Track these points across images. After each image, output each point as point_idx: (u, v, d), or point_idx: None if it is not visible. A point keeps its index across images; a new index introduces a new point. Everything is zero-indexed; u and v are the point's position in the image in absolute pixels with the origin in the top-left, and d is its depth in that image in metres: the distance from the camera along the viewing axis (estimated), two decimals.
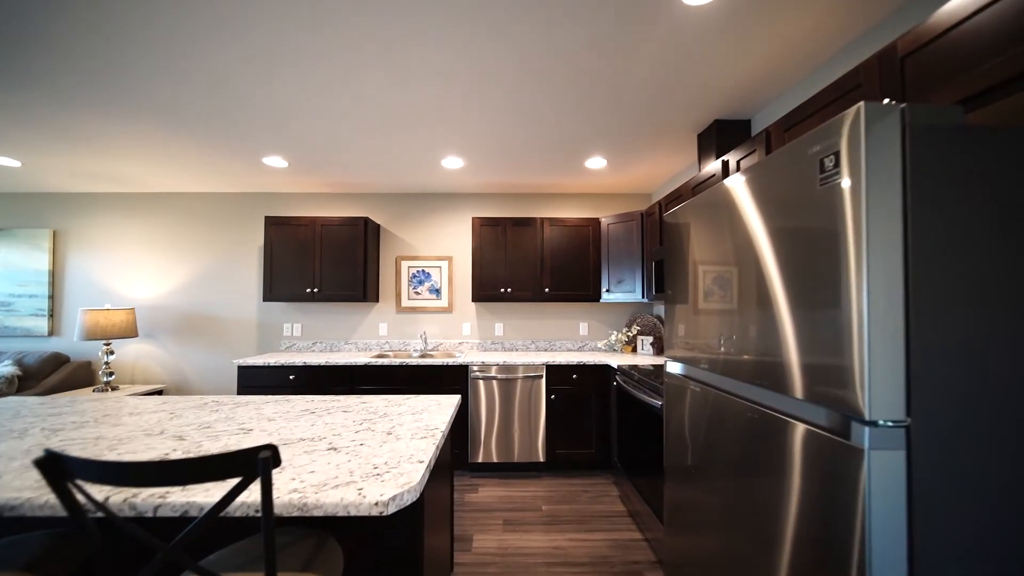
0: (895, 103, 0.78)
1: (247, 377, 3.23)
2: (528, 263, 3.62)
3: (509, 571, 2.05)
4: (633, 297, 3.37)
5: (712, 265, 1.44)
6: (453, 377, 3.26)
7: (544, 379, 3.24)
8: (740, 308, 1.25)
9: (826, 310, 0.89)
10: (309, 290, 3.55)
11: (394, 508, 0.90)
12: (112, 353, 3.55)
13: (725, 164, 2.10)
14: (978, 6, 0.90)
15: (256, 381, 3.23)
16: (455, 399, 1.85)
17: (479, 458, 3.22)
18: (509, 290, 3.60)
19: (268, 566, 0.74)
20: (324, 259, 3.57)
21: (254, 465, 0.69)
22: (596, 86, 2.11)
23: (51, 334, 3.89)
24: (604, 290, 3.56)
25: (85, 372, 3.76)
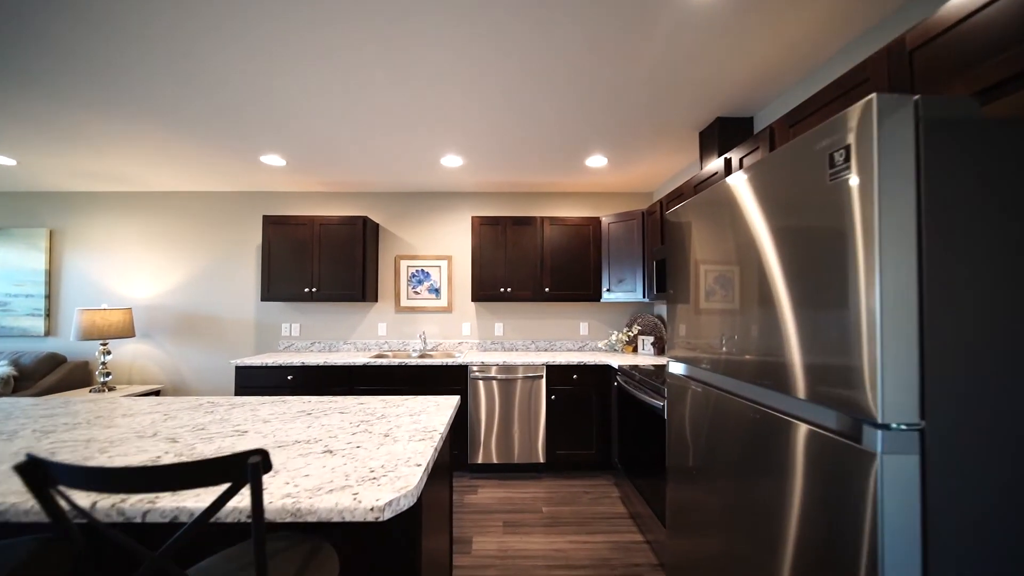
0: (908, 95, 0.75)
1: (245, 377, 3.20)
2: (528, 262, 3.59)
3: (509, 574, 2.02)
4: (634, 297, 3.34)
5: (715, 264, 1.42)
6: (452, 377, 3.23)
7: (544, 379, 3.21)
8: (743, 308, 1.23)
9: (834, 310, 0.86)
10: (307, 290, 3.52)
11: (390, 514, 0.88)
12: (109, 353, 3.52)
13: (727, 162, 2.07)
14: None
15: (254, 381, 3.21)
16: (454, 400, 1.83)
17: (479, 459, 3.19)
18: (509, 290, 3.57)
19: (259, 573, 0.72)
20: (323, 258, 3.54)
21: (243, 470, 0.66)
22: (596, 84, 2.08)
23: (48, 334, 3.86)
24: (605, 290, 3.53)
25: (82, 372, 3.73)
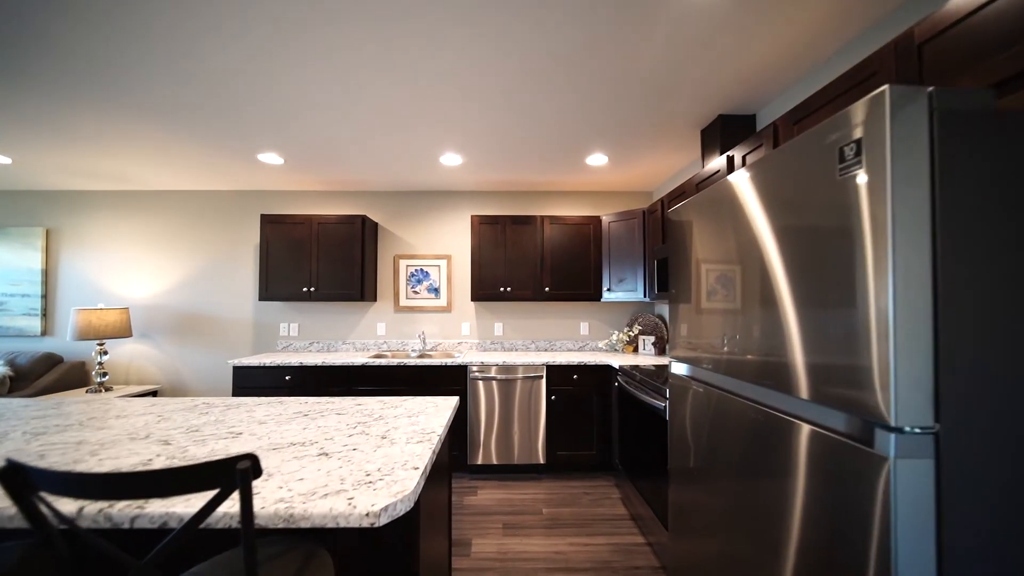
0: (921, 86, 0.73)
1: (242, 378, 3.18)
2: (528, 262, 3.56)
3: None
4: (635, 296, 3.31)
5: (716, 263, 1.39)
6: (452, 377, 3.20)
7: (544, 379, 3.18)
8: (746, 307, 1.20)
9: (841, 309, 0.83)
10: (306, 289, 3.50)
11: (386, 519, 0.85)
12: (106, 353, 3.49)
13: (730, 159, 2.04)
14: None
15: (251, 382, 3.18)
16: (453, 401, 1.80)
17: (478, 460, 3.17)
18: (509, 289, 3.54)
19: None
20: (321, 258, 3.51)
21: (232, 476, 0.64)
22: (596, 82, 2.05)
23: (44, 334, 3.84)
24: (605, 289, 3.50)
25: (79, 373, 3.70)
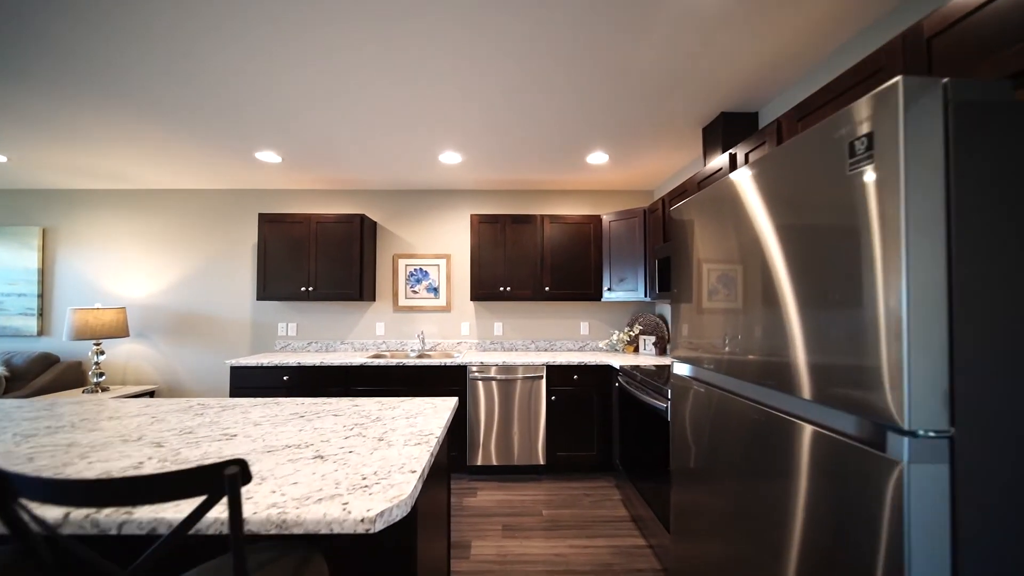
0: (935, 78, 0.70)
1: (240, 378, 3.15)
2: (528, 261, 3.54)
3: None
4: (635, 296, 3.29)
5: (721, 263, 1.36)
6: (451, 378, 3.18)
7: (544, 380, 3.16)
8: (752, 307, 1.17)
9: (851, 309, 0.81)
10: (304, 289, 3.47)
11: (382, 525, 0.82)
12: (102, 353, 3.46)
13: (732, 157, 2.02)
14: None
15: (249, 382, 3.15)
16: (452, 402, 1.77)
17: (478, 460, 3.14)
18: (508, 289, 3.52)
19: None
20: (319, 257, 3.48)
21: (220, 482, 0.61)
22: (596, 80, 2.03)
23: (40, 334, 3.81)
24: (606, 289, 3.48)
25: (75, 373, 3.67)
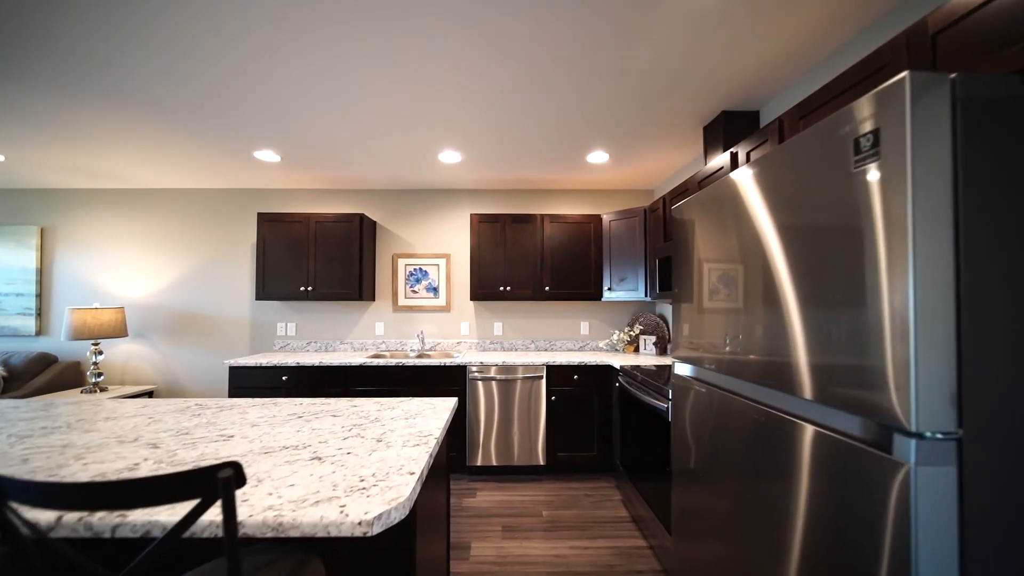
0: (943, 72, 0.69)
1: (238, 378, 3.14)
2: (528, 261, 3.52)
3: None
4: (636, 296, 3.28)
5: (722, 262, 1.35)
6: (451, 378, 3.17)
7: (544, 380, 3.15)
8: (753, 306, 1.16)
9: (856, 308, 0.79)
10: (303, 288, 3.46)
11: (380, 528, 0.81)
12: (101, 353, 3.45)
13: (734, 156, 2.00)
14: None
15: (248, 382, 3.14)
16: (451, 402, 1.76)
17: (478, 461, 3.13)
18: (508, 288, 3.51)
19: None
20: (318, 257, 3.47)
21: (213, 485, 0.60)
22: (596, 78, 2.02)
23: (39, 334, 3.79)
24: (606, 288, 3.47)
25: (73, 373, 3.66)
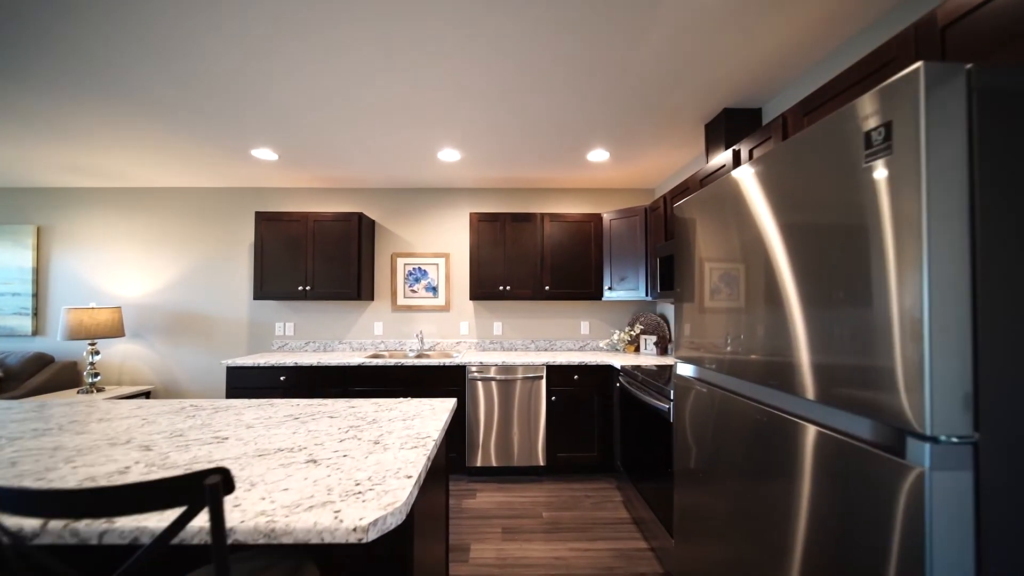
0: (959, 63, 0.66)
1: (236, 378, 3.11)
2: (528, 260, 3.50)
3: None
4: (636, 295, 3.25)
5: (726, 262, 1.33)
6: (450, 378, 3.14)
7: (544, 380, 3.12)
8: (760, 306, 1.14)
9: (868, 308, 0.77)
10: (301, 288, 3.43)
11: (375, 534, 0.79)
12: (97, 353, 3.42)
13: (736, 154, 1.98)
14: None
15: (246, 382, 3.12)
16: (450, 403, 1.74)
17: (477, 462, 3.10)
18: (508, 288, 3.48)
19: None
20: (317, 256, 3.44)
21: (200, 492, 0.57)
22: (596, 76, 1.99)
23: (35, 333, 3.77)
24: (606, 288, 3.44)
25: (70, 373, 3.63)
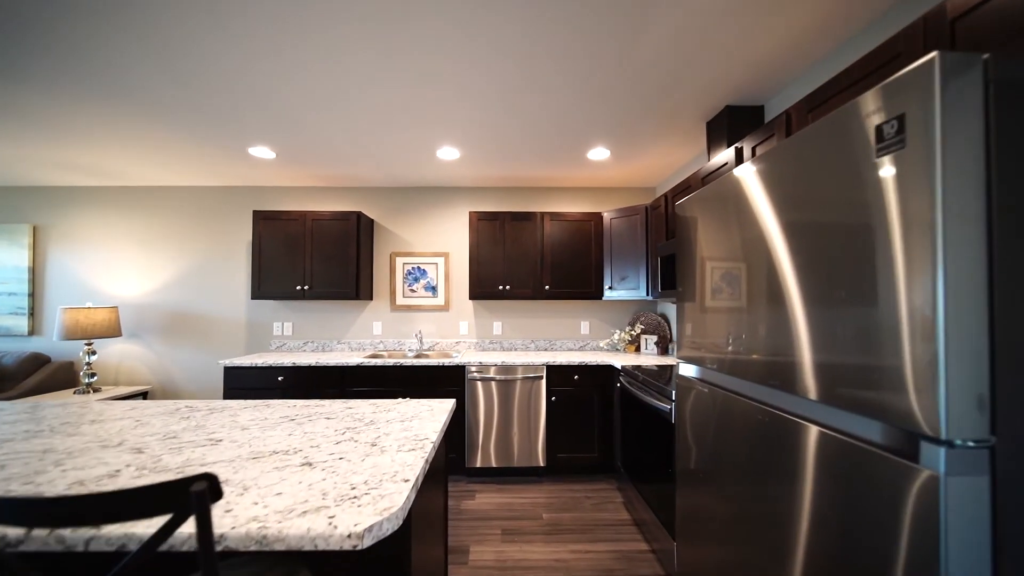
0: (975, 53, 0.64)
1: (234, 378, 3.09)
2: (528, 259, 3.47)
3: None
4: (637, 295, 3.23)
5: (730, 261, 1.30)
6: (449, 378, 3.12)
7: (544, 380, 3.10)
8: (765, 305, 1.12)
9: (880, 307, 0.75)
10: (299, 287, 3.40)
11: (370, 541, 0.76)
12: (94, 353, 3.40)
13: (739, 151, 1.96)
14: None
15: (243, 383, 3.09)
16: (449, 404, 1.71)
17: (477, 462, 3.08)
18: (508, 287, 3.46)
19: None
20: (315, 255, 3.42)
21: (186, 500, 0.55)
22: (596, 73, 1.97)
23: (31, 333, 3.74)
24: (607, 287, 3.42)
25: (66, 373, 3.61)
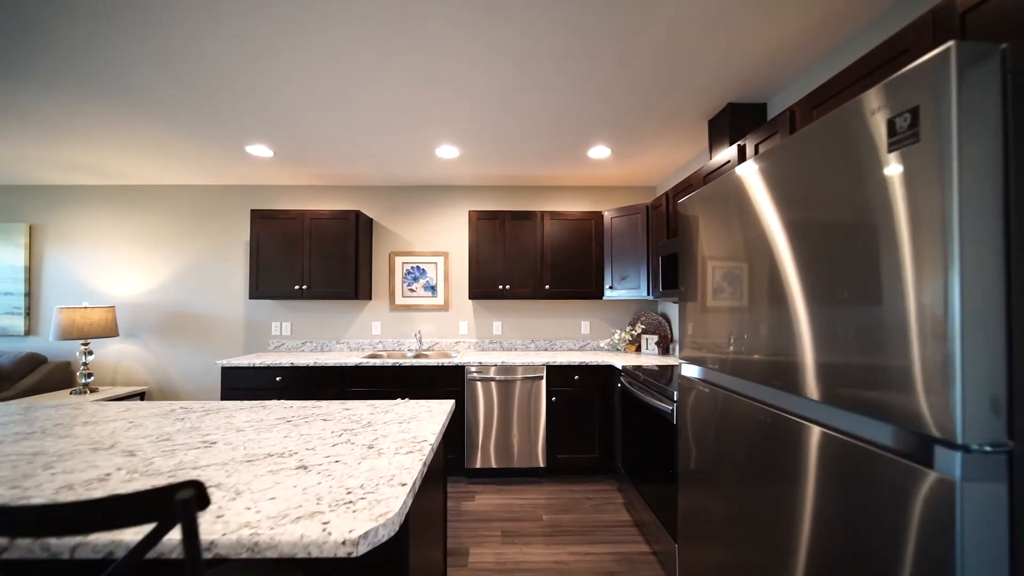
0: (993, 43, 0.62)
1: (231, 379, 3.06)
2: (528, 259, 3.45)
3: None
4: (637, 294, 3.21)
5: (731, 260, 1.28)
6: (449, 378, 3.09)
7: (544, 380, 3.08)
8: (767, 305, 1.09)
9: (891, 307, 0.73)
10: (298, 287, 3.38)
11: (366, 547, 0.74)
12: (91, 353, 3.37)
13: (741, 149, 1.93)
14: None
15: (241, 383, 3.07)
16: (448, 405, 1.69)
17: (476, 463, 3.06)
18: (508, 287, 3.43)
19: None
20: (313, 254, 3.39)
21: (171, 508, 0.53)
22: (597, 71, 1.94)
23: (28, 333, 3.71)
24: (607, 287, 3.39)
25: (63, 373, 3.58)
